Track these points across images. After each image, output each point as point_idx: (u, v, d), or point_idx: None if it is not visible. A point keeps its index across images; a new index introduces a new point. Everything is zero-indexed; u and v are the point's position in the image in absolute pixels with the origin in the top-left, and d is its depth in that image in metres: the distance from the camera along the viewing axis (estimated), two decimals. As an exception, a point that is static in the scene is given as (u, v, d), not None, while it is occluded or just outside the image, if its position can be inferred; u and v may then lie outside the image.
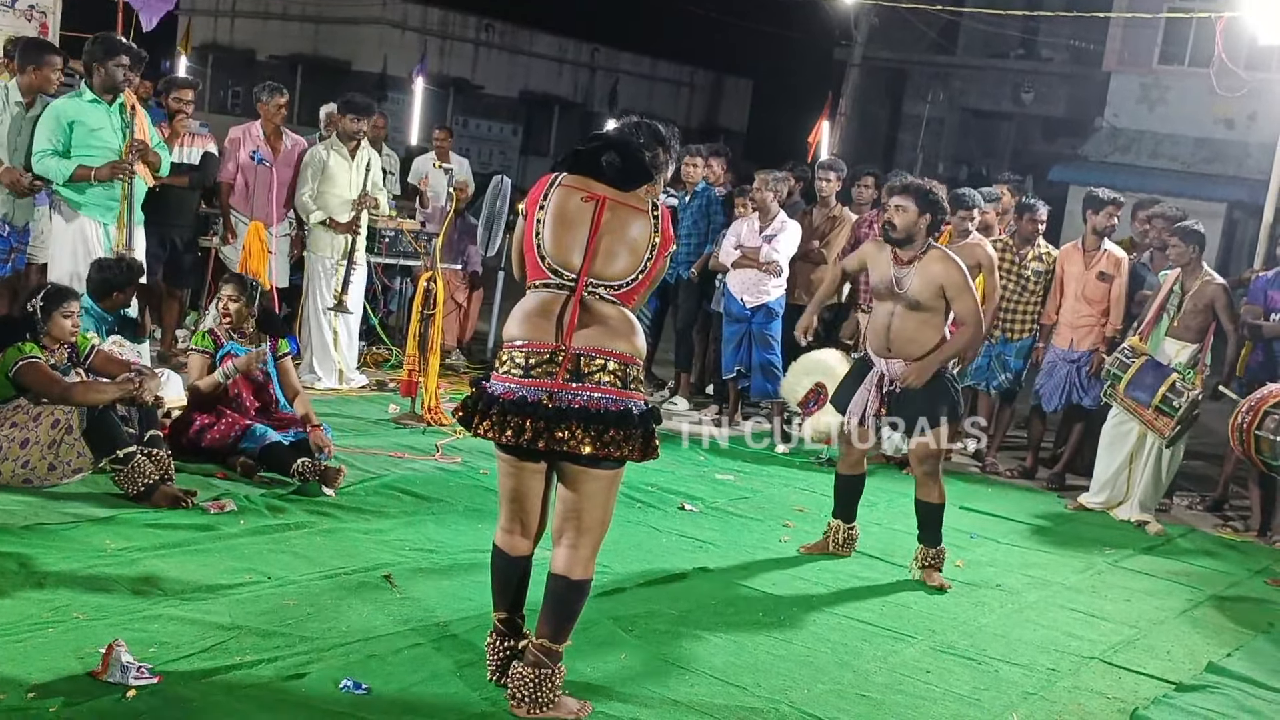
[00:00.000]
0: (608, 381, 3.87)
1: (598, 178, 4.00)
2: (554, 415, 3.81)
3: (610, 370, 3.88)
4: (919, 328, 5.89)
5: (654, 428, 3.96)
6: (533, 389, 3.85)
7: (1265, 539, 7.72)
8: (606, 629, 4.86)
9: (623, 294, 3.99)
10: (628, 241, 3.97)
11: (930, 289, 5.84)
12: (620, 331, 3.93)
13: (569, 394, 3.84)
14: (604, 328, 3.91)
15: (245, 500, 5.87)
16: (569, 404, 3.83)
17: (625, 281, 3.98)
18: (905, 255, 5.93)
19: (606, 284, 3.95)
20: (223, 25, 34.57)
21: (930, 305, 5.86)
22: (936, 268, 5.85)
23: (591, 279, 3.93)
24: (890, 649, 5.08)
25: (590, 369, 3.87)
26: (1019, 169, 22.74)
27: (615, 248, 3.95)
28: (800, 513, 7.08)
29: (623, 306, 3.99)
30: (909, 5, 22.49)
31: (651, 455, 3.96)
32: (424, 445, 7.47)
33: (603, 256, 3.94)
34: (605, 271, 3.95)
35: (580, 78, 36.56)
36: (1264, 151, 13.02)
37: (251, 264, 8.38)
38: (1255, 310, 7.97)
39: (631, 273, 3.98)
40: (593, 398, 3.85)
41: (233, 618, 4.46)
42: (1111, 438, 7.88)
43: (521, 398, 3.85)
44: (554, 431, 3.81)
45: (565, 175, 4.03)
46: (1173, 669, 5.24)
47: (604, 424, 3.82)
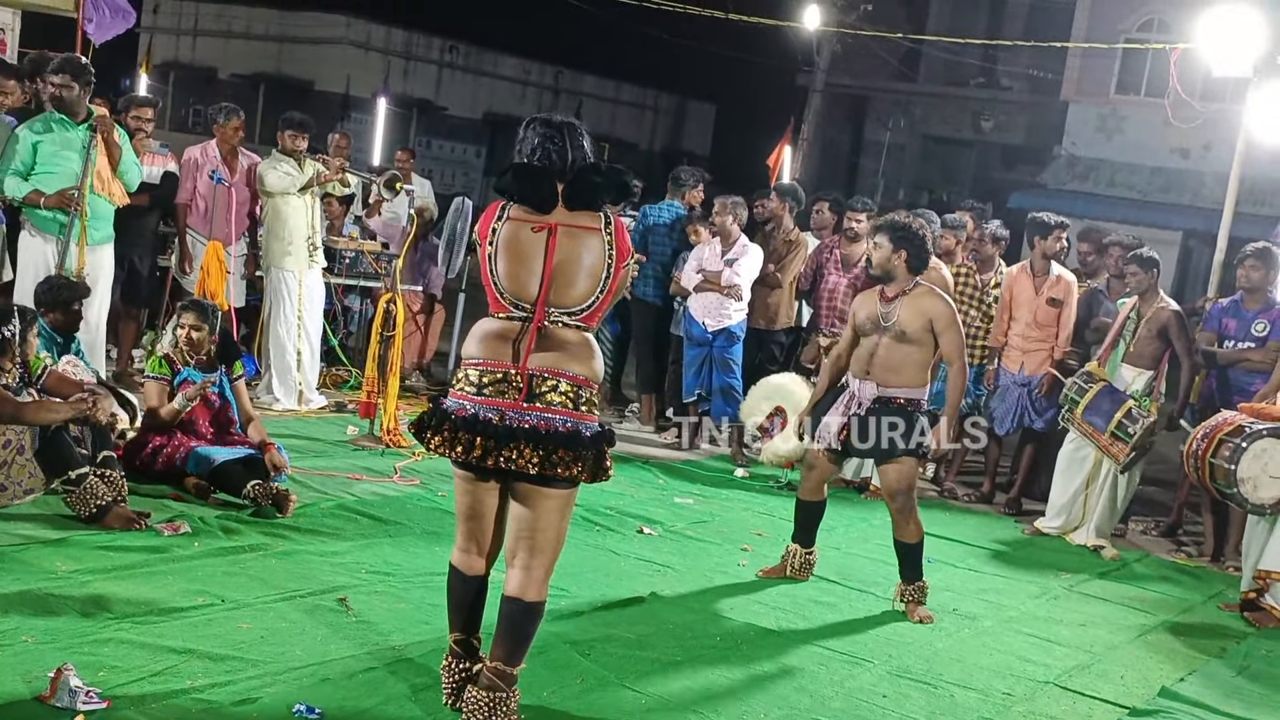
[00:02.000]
0: (559, 402, 3.89)
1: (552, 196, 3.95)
2: (503, 434, 3.83)
3: (562, 391, 3.90)
4: (903, 360, 5.91)
5: (605, 450, 3.97)
6: (484, 407, 3.87)
7: (1219, 564, 7.79)
8: (563, 652, 4.84)
9: (584, 317, 4.00)
10: (584, 266, 3.96)
11: (919, 322, 5.86)
12: (577, 355, 3.95)
13: (520, 414, 3.86)
14: (561, 351, 3.93)
15: (200, 522, 5.81)
16: (519, 424, 3.84)
17: (585, 306, 3.99)
18: (891, 291, 5.98)
19: (567, 310, 3.96)
20: (184, 44, 34.42)
21: (917, 339, 5.88)
22: (926, 302, 5.89)
23: (551, 308, 3.94)
24: (847, 673, 5.08)
25: (542, 389, 3.88)
26: (979, 196, 22.86)
27: (572, 274, 3.95)
28: (759, 536, 7.08)
29: (584, 330, 4.01)
30: (871, 33, 22.70)
31: (603, 477, 3.98)
32: (382, 467, 7.42)
33: (560, 286, 3.94)
34: (564, 300, 3.95)
35: (544, 100, 36.63)
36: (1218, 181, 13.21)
37: (210, 284, 8.32)
38: (1210, 337, 8.05)
39: (590, 296, 3.98)
40: (543, 418, 3.86)
41: (184, 641, 4.41)
42: (1068, 463, 7.94)
43: (473, 415, 3.87)
44: (503, 450, 3.82)
45: (513, 206, 4.00)
46: (1127, 693, 5.26)
47: (553, 444, 3.83)
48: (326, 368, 9.67)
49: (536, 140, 4.03)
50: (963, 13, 27.48)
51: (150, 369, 6.70)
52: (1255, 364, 7.71)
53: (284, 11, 32.92)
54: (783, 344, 9.50)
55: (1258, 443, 6.43)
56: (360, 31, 32.10)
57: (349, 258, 9.68)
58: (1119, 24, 23.11)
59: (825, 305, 9.05)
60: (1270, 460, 6.45)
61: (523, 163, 4.02)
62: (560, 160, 4.00)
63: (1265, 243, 8.17)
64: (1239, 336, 7.91)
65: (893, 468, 5.95)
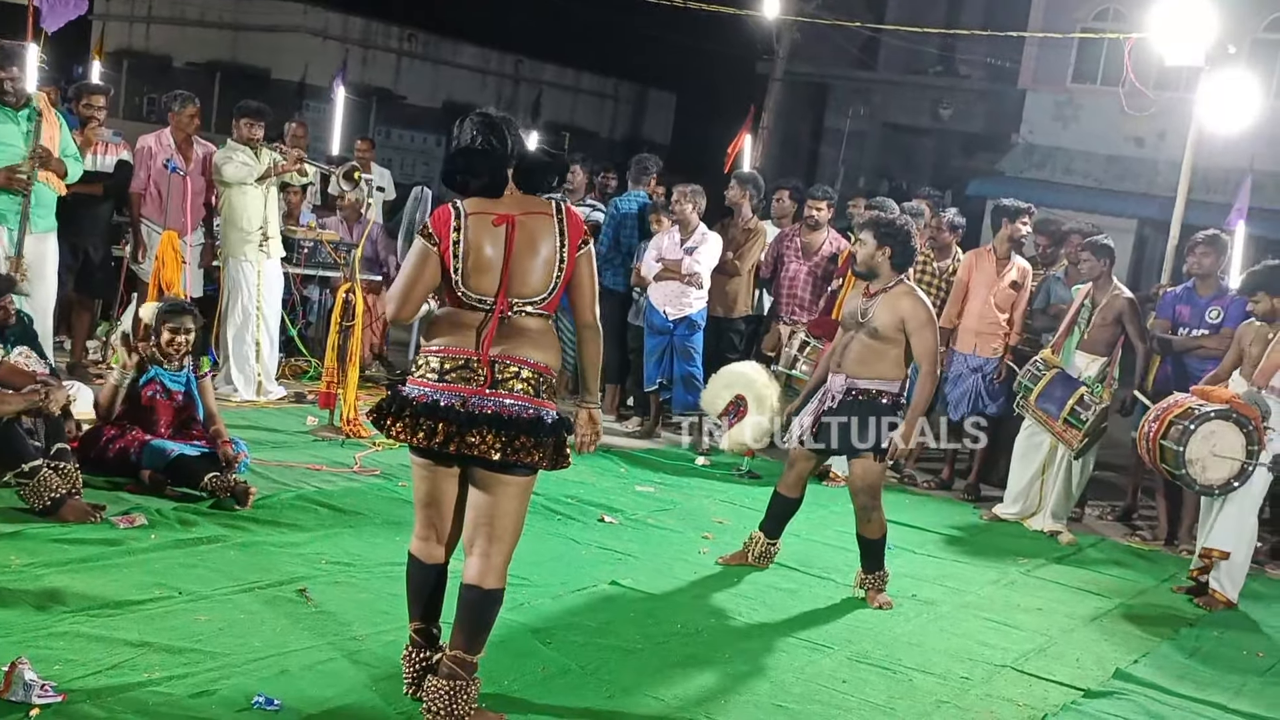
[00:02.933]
0: (520, 389, 3.92)
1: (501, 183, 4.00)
2: (465, 420, 3.85)
3: (524, 378, 3.93)
4: (874, 357, 5.92)
5: (565, 437, 4.02)
6: (446, 394, 3.90)
7: (1172, 547, 7.89)
8: (525, 641, 4.85)
9: (545, 305, 4.03)
10: (540, 255, 4.00)
11: (893, 321, 5.87)
12: (539, 343, 3.99)
13: (482, 400, 3.88)
14: (523, 338, 3.97)
15: (156, 514, 5.77)
16: (481, 410, 3.87)
17: (545, 294, 4.02)
18: (873, 288, 5.99)
19: (528, 300, 3.99)
20: (138, 31, 34.01)
21: (889, 337, 5.89)
22: (903, 302, 5.90)
23: (512, 298, 3.97)
24: (807, 659, 5.12)
25: (504, 376, 3.91)
26: (938, 183, 23.03)
27: (529, 265, 3.98)
28: (720, 524, 7.10)
29: (547, 318, 4.05)
30: (830, 22, 22.72)
31: (563, 464, 4.02)
32: (342, 458, 7.40)
33: (518, 279, 3.97)
34: (524, 290, 3.99)
35: (504, 89, 36.45)
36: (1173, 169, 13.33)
37: (165, 274, 8.25)
38: (1164, 325, 8.15)
39: (549, 283, 4.02)
40: (504, 404, 3.89)
41: (141, 634, 4.38)
42: (1024, 449, 8.01)
43: (434, 401, 3.90)
44: (465, 436, 3.85)
45: (468, 203, 4.01)
46: (1082, 676, 5.33)
47: (515, 430, 3.86)
48: (285, 358, 9.62)
49: (475, 131, 4.05)
50: (921, 1, 27.56)
51: (116, 363, 6.58)
52: (1210, 350, 7.81)
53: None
54: (742, 332, 9.52)
55: (1205, 425, 6.51)
56: (318, 19, 31.80)
57: (307, 247, 9.63)
58: (1075, 13, 23.25)
59: (785, 293, 9.09)
60: (1218, 442, 6.53)
61: (467, 146, 4.04)
62: (501, 146, 4.02)
63: (1215, 230, 8.26)
64: (1192, 323, 8.01)
65: (859, 465, 5.97)
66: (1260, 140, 16.51)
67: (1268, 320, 6.81)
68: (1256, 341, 6.83)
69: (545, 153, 4.22)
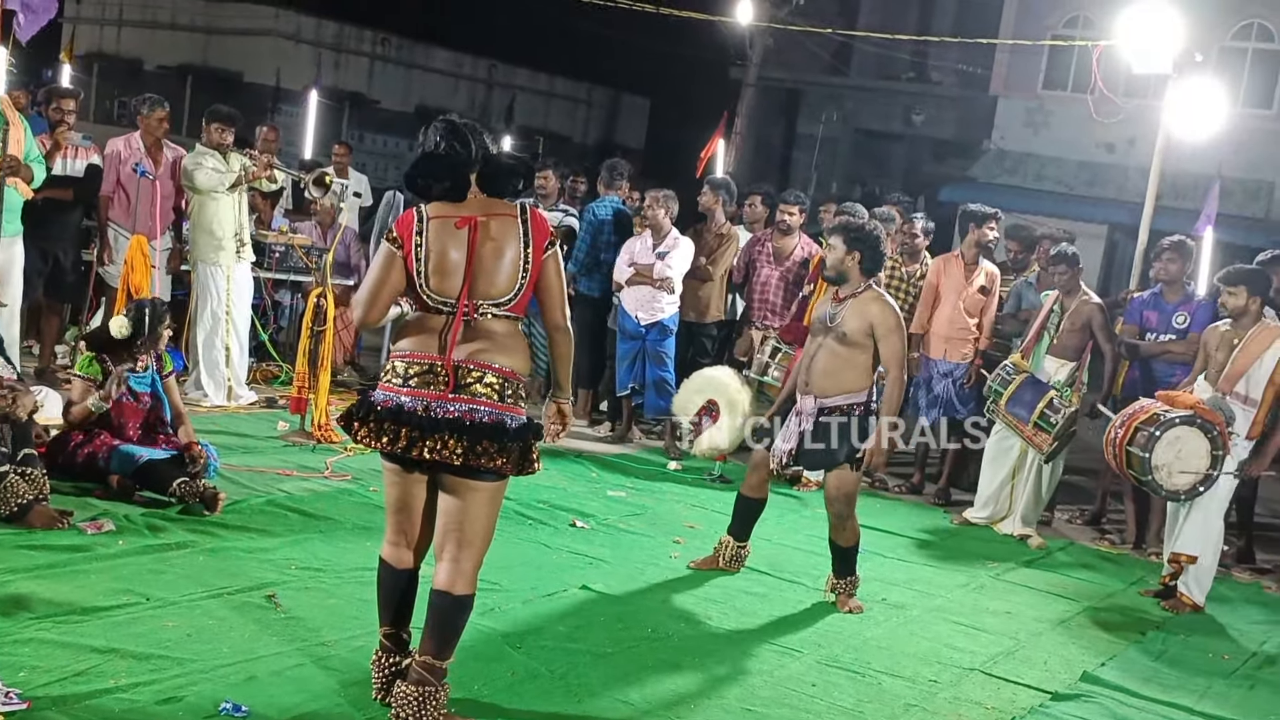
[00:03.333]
0: (484, 394, 3.92)
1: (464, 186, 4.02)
2: (428, 425, 3.86)
3: (487, 383, 3.93)
4: (842, 365, 5.92)
5: (532, 442, 4.00)
6: (410, 398, 3.91)
7: (1140, 551, 7.95)
8: (495, 646, 4.85)
9: (511, 307, 4.03)
10: (504, 257, 4.00)
11: (861, 326, 5.88)
12: (505, 347, 3.99)
13: (444, 404, 3.89)
14: (489, 342, 3.97)
15: (125, 520, 5.74)
16: (443, 414, 3.87)
17: (510, 296, 4.01)
18: (843, 293, 6.01)
19: (493, 303, 3.99)
20: (108, 34, 33.84)
21: (857, 342, 5.90)
22: (872, 308, 5.91)
23: (477, 300, 3.97)
24: (777, 663, 5.13)
25: (468, 380, 3.92)
26: (910, 189, 23.08)
27: (493, 266, 3.99)
28: (691, 529, 7.12)
29: (513, 320, 4.04)
30: (803, 28, 22.81)
31: (528, 470, 4.01)
32: (313, 463, 7.37)
33: (483, 279, 3.97)
34: (489, 292, 3.99)
35: (477, 93, 36.44)
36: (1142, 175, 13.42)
37: (134, 279, 8.20)
38: (1131, 330, 8.21)
39: (514, 285, 4.02)
40: (467, 409, 3.89)
41: (108, 640, 4.36)
42: (994, 454, 8.06)
43: (398, 406, 3.91)
44: (426, 440, 3.86)
45: (430, 207, 4.03)
46: (1049, 679, 5.36)
47: (477, 435, 3.86)
48: (256, 363, 9.58)
49: (439, 137, 4.05)
50: (893, 8, 27.67)
51: (80, 369, 6.51)
52: (1177, 355, 7.87)
53: (211, 2, 32.47)
54: (714, 337, 9.54)
55: (1171, 431, 6.56)
56: (290, 23, 31.71)
57: (279, 252, 9.60)
58: (1045, 20, 23.41)
59: (757, 298, 9.11)
60: (1183, 448, 6.58)
61: (430, 151, 4.04)
62: (465, 150, 4.02)
63: (1181, 236, 8.33)
64: (1160, 329, 8.07)
65: (836, 474, 5.98)
66: (1228, 147, 16.69)
67: (1236, 317, 6.86)
68: (1221, 347, 6.88)
69: (511, 157, 4.23)
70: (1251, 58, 22.10)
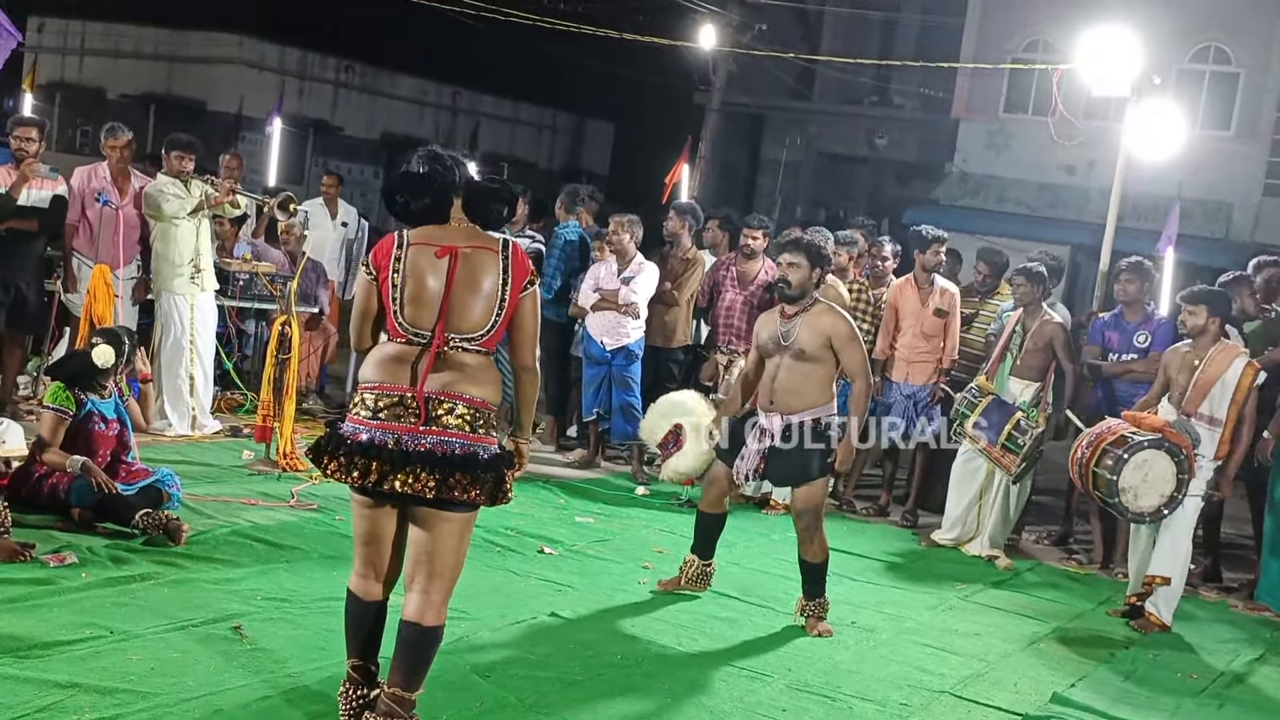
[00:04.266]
0: (455, 425, 3.88)
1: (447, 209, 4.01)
2: (399, 458, 3.82)
3: (458, 414, 3.89)
4: (804, 380, 5.95)
5: (505, 472, 3.97)
6: (379, 431, 3.87)
7: (1107, 571, 7.98)
8: (463, 675, 4.81)
9: (483, 342, 4.00)
10: (482, 291, 3.97)
11: (818, 340, 5.91)
12: (477, 378, 3.95)
13: (415, 437, 3.85)
14: (459, 373, 3.93)
15: (88, 552, 5.67)
16: (414, 447, 3.83)
17: (483, 331, 3.99)
18: (791, 310, 6.02)
19: (465, 336, 3.96)
20: (70, 63, 33.66)
21: (816, 356, 5.92)
22: (825, 320, 5.94)
23: (450, 333, 3.94)
24: (747, 688, 5.12)
25: (439, 412, 3.88)
26: (874, 212, 23.28)
27: (469, 300, 3.96)
28: (660, 554, 7.10)
29: (485, 354, 4.01)
30: (766, 53, 22.95)
31: (501, 500, 3.97)
32: (279, 492, 7.32)
33: (457, 312, 3.94)
34: (461, 325, 3.96)
35: (442, 120, 36.45)
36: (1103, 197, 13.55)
37: (97, 308, 8.13)
38: (1094, 351, 8.28)
39: (488, 320, 3.99)
40: (439, 441, 3.85)
41: (71, 675, 4.30)
42: (961, 475, 8.08)
43: (369, 439, 3.87)
44: (398, 474, 3.81)
45: (413, 233, 4.01)
46: (1019, 700, 5.37)
47: (449, 468, 3.83)
48: (221, 391, 9.51)
49: (420, 161, 4.03)
50: (856, 33, 27.89)
51: (50, 399, 6.39)
52: (1139, 375, 7.93)
53: (174, 30, 32.36)
54: (681, 362, 9.54)
55: (1140, 454, 6.60)
56: (254, 51, 31.64)
57: (243, 280, 9.54)
58: (1005, 44, 23.65)
59: (723, 323, 9.12)
60: (1150, 471, 6.63)
61: (411, 170, 4.02)
62: (446, 173, 4.01)
63: (1139, 257, 8.41)
64: (1122, 349, 8.14)
65: (802, 490, 6.00)
66: (1187, 168, 16.90)
67: (1195, 337, 6.92)
68: (1183, 369, 6.94)
69: (496, 182, 4.21)
70: (1209, 80, 22.39)
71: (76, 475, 6.17)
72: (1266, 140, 22.00)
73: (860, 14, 27.61)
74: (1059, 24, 20.41)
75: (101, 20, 33.19)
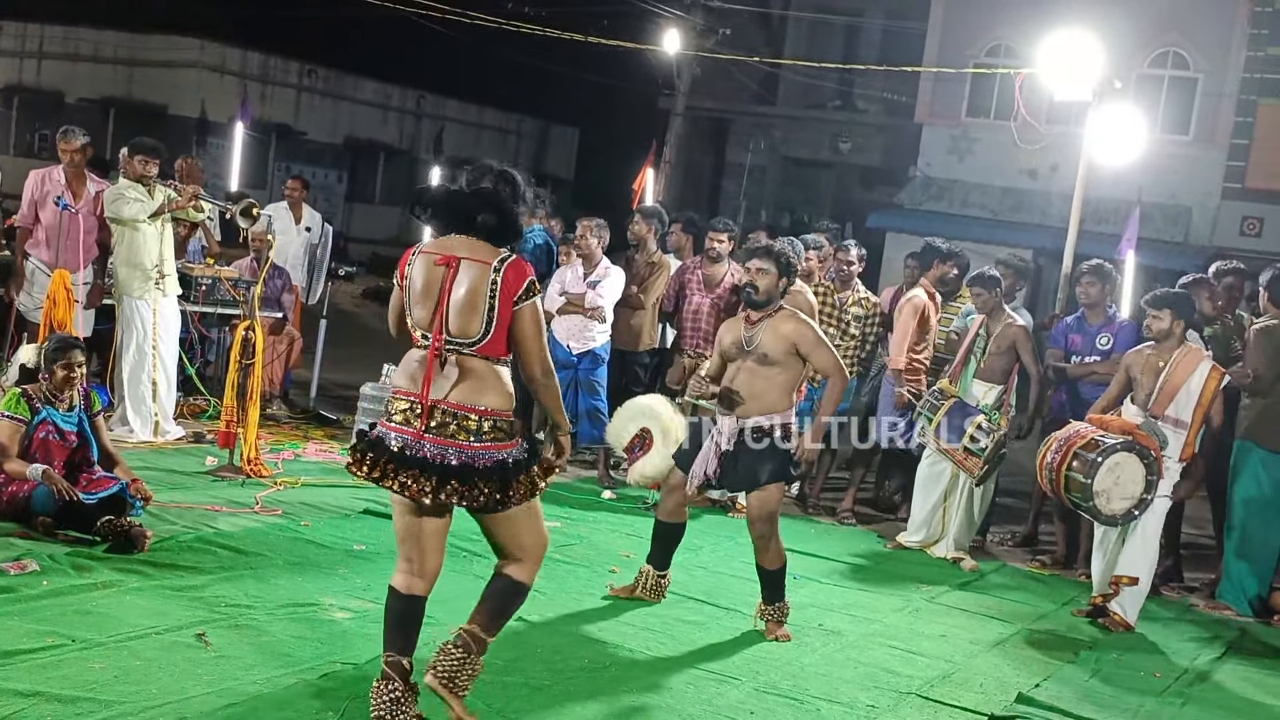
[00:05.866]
0: (455, 434, 4.13)
1: (463, 232, 4.26)
2: (400, 461, 4.11)
3: (463, 424, 4.14)
4: (767, 384, 5.95)
5: (512, 474, 4.16)
6: (394, 434, 4.19)
7: (1071, 571, 8.03)
8: (430, 682, 4.78)
9: (483, 348, 4.19)
10: (471, 299, 4.17)
11: (782, 346, 5.92)
12: (480, 387, 4.18)
13: (419, 444, 4.13)
14: (469, 383, 4.17)
15: (49, 560, 5.61)
16: (417, 453, 4.12)
17: (479, 337, 4.18)
18: (755, 315, 6.03)
19: (463, 341, 4.18)
20: (28, 66, 33.27)
21: (780, 361, 5.93)
22: (788, 326, 5.95)
23: (449, 338, 4.18)
24: (715, 692, 5.12)
25: (441, 421, 4.14)
26: (839, 216, 23.38)
27: (463, 307, 4.18)
28: (626, 558, 7.09)
29: (490, 361, 4.22)
30: (730, 56, 23.00)
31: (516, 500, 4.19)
32: (243, 498, 7.26)
33: (453, 316, 4.18)
34: (459, 330, 4.19)
35: (405, 124, 36.29)
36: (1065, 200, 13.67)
37: (57, 314, 8.05)
38: (1057, 354, 8.34)
39: (479, 328, 4.17)
40: (437, 450, 4.12)
41: (32, 684, 4.25)
42: (925, 478, 8.12)
43: (381, 439, 4.19)
44: (399, 476, 4.10)
45: (425, 243, 4.37)
46: (985, 701, 5.40)
47: (446, 475, 4.09)
48: (184, 397, 9.44)
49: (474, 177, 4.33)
50: (819, 38, 28.00)
51: (5, 407, 6.35)
52: (1102, 376, 7.99)
53: (134, 34, 32.05)
54: (646, 365, 9.54)
55: (1113, 456, 6.65)
56: (215, 55, 31.38)
57: (205, 285, 9.47)
58: (968, 49, 23.79)
59: (689, 326, 9.12)
60: (1123, 473, 6.68)
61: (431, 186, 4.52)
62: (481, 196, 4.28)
63: (1099, 260, 8.48)
64: (1085, 351, 8.20)
65: (755, 496, 6.00)
66: (1148, 173, 17.06)
67: (1159, 340, 6.98)
68: (1147, 371, 7.00)
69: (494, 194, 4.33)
70: (1168, 85, 22.59)
71: (38, 483, 6.11)
72: (1224, 144, 22.23)
73: (824, 19, 27.73)
74: (1021, 29, 20.53)
75: (60, 24, 32.86)
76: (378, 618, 5.36)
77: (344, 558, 6.33)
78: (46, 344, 6.62)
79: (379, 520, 7.10)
